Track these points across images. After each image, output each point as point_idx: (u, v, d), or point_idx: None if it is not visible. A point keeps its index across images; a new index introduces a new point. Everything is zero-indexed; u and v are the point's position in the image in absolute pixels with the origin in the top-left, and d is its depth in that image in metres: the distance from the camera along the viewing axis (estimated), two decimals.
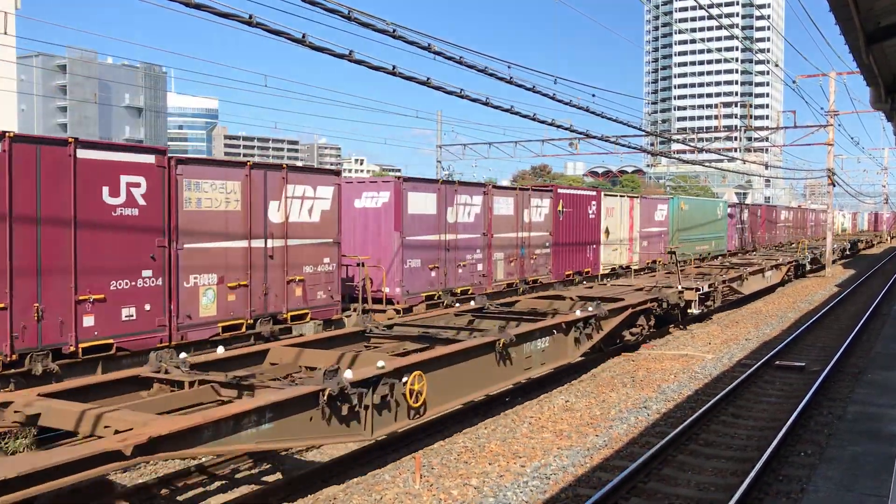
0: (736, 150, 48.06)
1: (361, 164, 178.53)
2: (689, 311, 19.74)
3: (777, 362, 16.21)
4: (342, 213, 16.63)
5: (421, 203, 18.97)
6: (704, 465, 9.84)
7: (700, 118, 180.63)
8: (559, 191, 25.72)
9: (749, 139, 58.39)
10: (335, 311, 16.11)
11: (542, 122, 16.45)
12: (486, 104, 13.63)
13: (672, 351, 17.92)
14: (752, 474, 8.83)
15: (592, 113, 17.63)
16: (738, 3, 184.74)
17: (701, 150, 42.74)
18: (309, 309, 15.40)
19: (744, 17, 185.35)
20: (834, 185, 42.36)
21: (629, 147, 29.94)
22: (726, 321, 22.86)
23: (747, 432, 11.27)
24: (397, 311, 17.64)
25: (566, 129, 19.28)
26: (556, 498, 8.61)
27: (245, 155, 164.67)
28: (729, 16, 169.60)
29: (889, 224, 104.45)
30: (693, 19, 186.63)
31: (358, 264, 17.73)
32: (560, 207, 25.33)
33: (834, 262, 43.32)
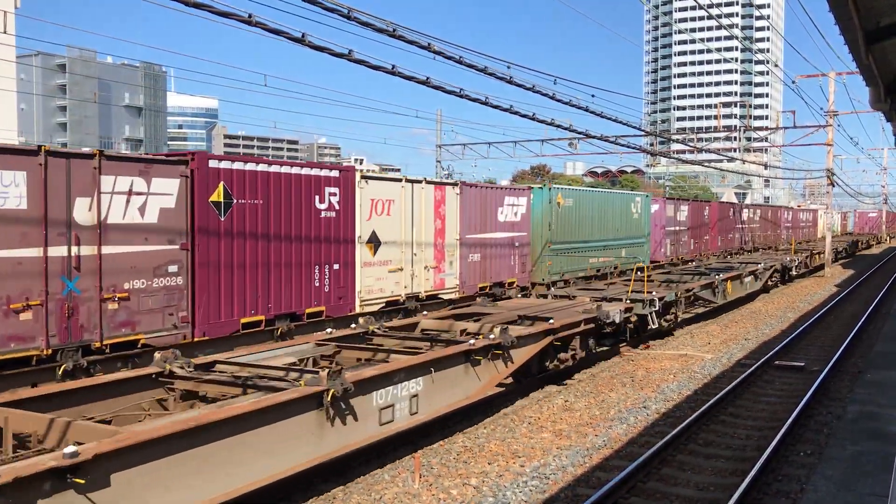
0: (735, 151, 47.86)
1: (361, 163, 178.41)
2: None
3: (776, 362, 16.21)
4: None
5: None
6: (704, 464, 9.84)
7: (699, 118, 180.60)
8: (213, 164, 13.74)
9: (748, 139, 57.75)
10: None
11: (542, 121, 16.47)
12: (485, 104, 13.64)
13: (671, 351, 17.92)
14: (752, 474, 8.82)
15: (592, 113, 17.64)
16: (737, 4, 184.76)
17: (700, 150, 42.58)
18: None
19: (743, 17, 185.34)
20: (833, 186, 42.40)
21: (628, 147, 29.56)
22: (726, 321, 22.85)
23: (747, 432, 11.27)
24: None
25: (566, 128, 19.28)
26: (556, 498, 8.61)
27: (245, 154, 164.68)
28: (728, 16, 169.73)
29: (873, 225, 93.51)
30: (693, 19, 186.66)
31: None
32: (218, 196, 13.76)
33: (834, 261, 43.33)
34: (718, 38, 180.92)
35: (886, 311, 24.20)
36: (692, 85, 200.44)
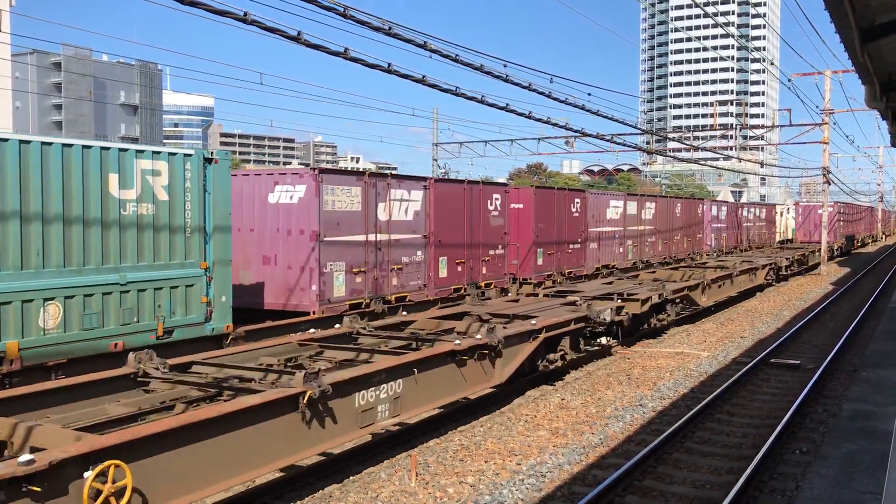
0: (731, 149, 47.79)
1: (357, 161, 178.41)
2: None
3: (772, 360, 16.24)
4: None
5: None
6: (700, 462, 9.85)
7: (696, 116, 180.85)
8: None
9: (745, 137, 57.50)
10: None
11: (538, 119, 16.49)
12: (481, 102, 13.65)
13: (667, 349, 17.94)
14: (748, 472, 8.84)
15: (588, 111, 17.66)
16: (733, 2, 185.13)
17: (697, 149, 42.54)
18: None
19: (739, 15, 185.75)
20: (829, 184, 42.48)
21: (625, 145, 29.47)
22: (722, 319, 22.89)
23: (743, 430, 11.29)
24: None
25: (562, 127, 19.29)
26: (552, 496, 8.61)
27: (240, 154, 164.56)
28: (725, 14, 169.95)
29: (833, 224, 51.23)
30: (689, 17, 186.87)
31: None
32: None
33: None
34: (714, 37, 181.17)
35: (882, 310, 24.25)
36: (688, 83, 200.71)
